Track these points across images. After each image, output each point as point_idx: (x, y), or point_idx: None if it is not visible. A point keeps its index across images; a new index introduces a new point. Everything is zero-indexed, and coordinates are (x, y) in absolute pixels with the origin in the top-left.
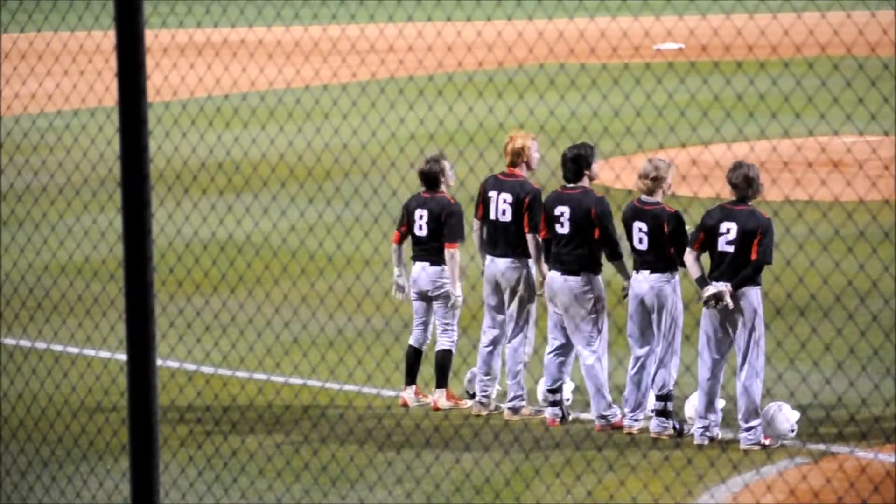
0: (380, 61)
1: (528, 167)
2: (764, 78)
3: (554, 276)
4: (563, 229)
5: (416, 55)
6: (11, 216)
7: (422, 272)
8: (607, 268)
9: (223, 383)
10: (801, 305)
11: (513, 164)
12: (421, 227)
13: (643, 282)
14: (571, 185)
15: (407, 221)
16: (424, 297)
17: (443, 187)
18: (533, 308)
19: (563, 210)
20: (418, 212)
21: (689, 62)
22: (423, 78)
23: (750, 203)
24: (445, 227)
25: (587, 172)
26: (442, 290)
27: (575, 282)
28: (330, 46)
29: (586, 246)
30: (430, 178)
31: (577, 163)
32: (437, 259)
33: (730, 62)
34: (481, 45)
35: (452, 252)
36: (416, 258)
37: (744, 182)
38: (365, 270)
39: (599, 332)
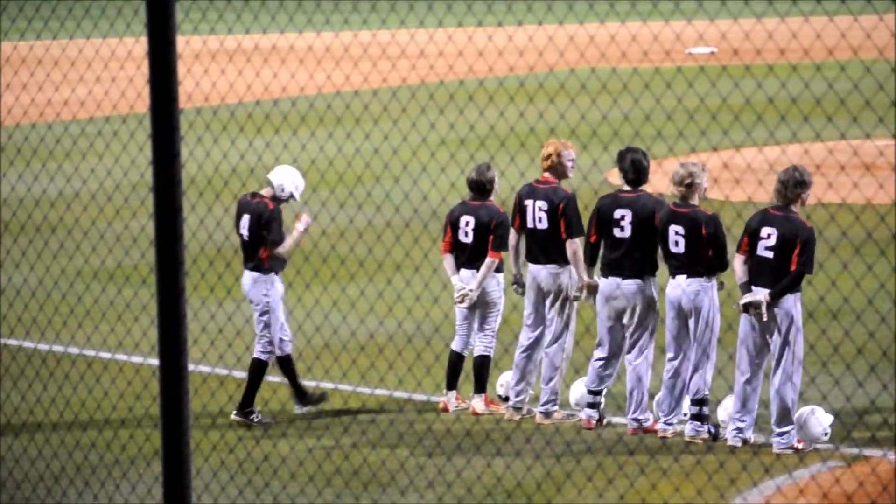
0: (411, 66)
1: (563, 175)
2: (796, 81)
3: (611, 282)
4: (624, 233)
5: (447, 60)
6: (44, 222)
7: (471, 279)
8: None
9: None
10: (834, 308)
11: (548, 171)
12: (467, 234)
13: (678, 287)
14: (629, 189)
15: (452, 229)
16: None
17: (492, 196)
18: (571, 314)
19: (623, 213)
20: (464, 219)
21: (720, 66)
22: (453, 83)
23: (795, 209)
24: (493, 236)
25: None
26: (486, 297)
27: (632, 286)
28: (361, 51)
29: (645, 250)
30: (480, 186)
31: (638, 169)
32: (481, 265)
33: (761, 66)
34: (512, 49)
35: (494, 261)
36: (462, 265)
37: (782, 186)
38: (396, 275)
39: (651, 335)
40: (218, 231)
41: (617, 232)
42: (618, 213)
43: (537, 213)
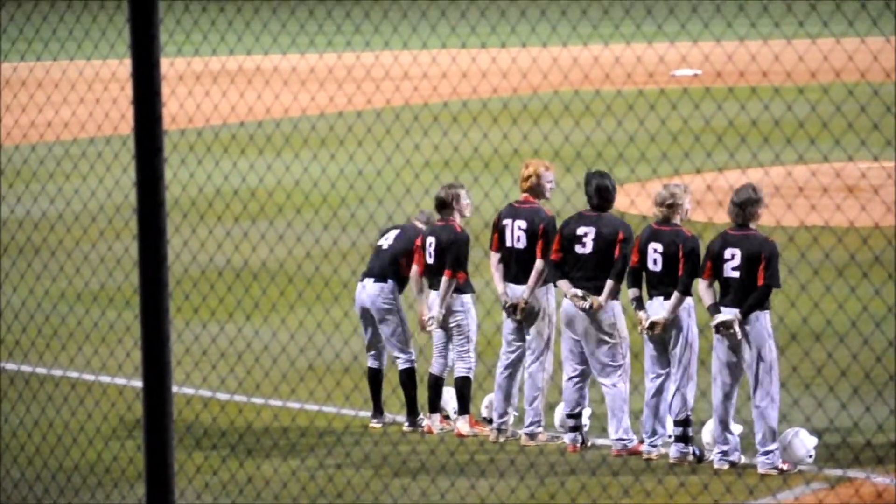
0: (395, 88)
1: (541, 195)
2: (779, 103)
3: (570, 303)
4: (585, 250)
5: (431, 82)
6: (28, 243)
7: (436, 300)
8: (624, 295)
9: (239, 409)
10: (817, 331)
11: (527, 192)
12: (430, 255)
13: (659, 308)
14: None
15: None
16: (442, 326)
17: (455, 215)
18: (551, 334)
19: (586, 231)
20: (429, 239)
21: (703, 88)
22: (437, 105)
23: (752, 227)
24: (448, 255)
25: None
26: (455, 319)
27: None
28: (345, 73)
29: (607, 270)
30: (443, 203)
31: (601, 194)
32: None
33: (744, 88)
34: (496, 71)
35: (450, 280)
36: (431, 286)
37: (739, 207)
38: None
39: (622, 357)
40: (202, 252)
41: (578, 248)
42: (580, 231)
43: (516, 233)
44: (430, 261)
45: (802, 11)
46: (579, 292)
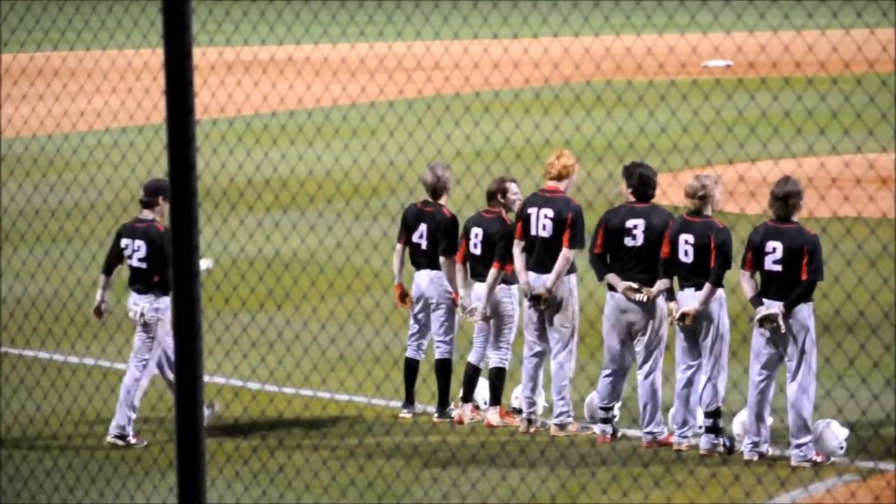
0: (426, 78)
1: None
2: (812, 94)
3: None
4: (635, 242)
5: (462, 72)
6: (60, 232)
7: (479, 289)
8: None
9: (269, 399)
10: (850, 322)
11: (554, 179)
12: (476, 246)
13: (690, 299)
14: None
15: (465, 240)
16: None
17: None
18: (576, 324)
19: (636, 223)
20: (474, 230)
21: (736, 78)
22: (469, 95)
23: (795, 219)
24: (498, 247)
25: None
26: (498, 309)
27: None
28: (377, 63)
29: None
30: (492, 196)
31: (645, 182)
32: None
33: (777, 78)
34: (528, 61)
35: (499, 272)
36: (473, 276)
37: (780, 200)
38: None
39: (663, 347)
40: (233, 242)
41: (628, 241)
42: (630, 223)
43: (542, 221)
44: (476, 251)
45: (836, 3)
46: (634, 284)
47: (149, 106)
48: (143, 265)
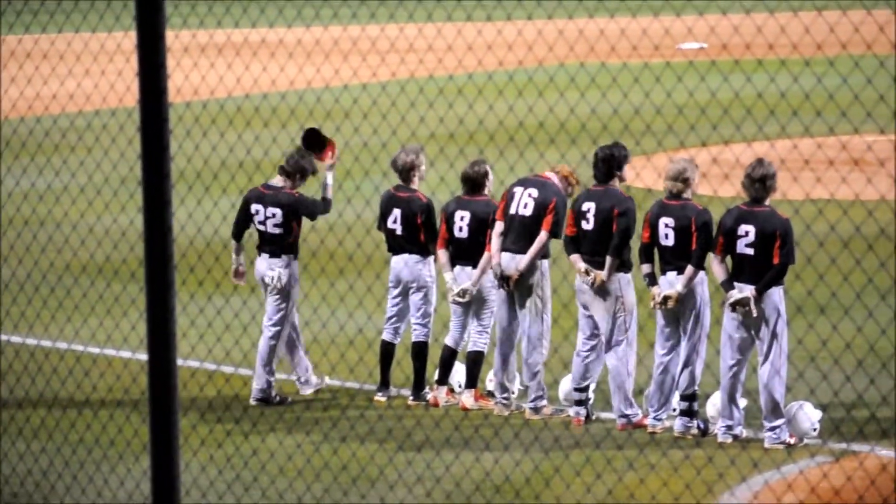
0: (400, 60)
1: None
2: (785, 76)
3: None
4: (588, 226)
5: (436, 54)
6: (32, 215)
7: (461, 274)
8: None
9: (243, 382)
10: (822, 303)
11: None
12: (461, 230)
13: (672, 283)
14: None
15: (447, 225)
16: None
17: (486, 191)
18: (547, 307)
19: (588, 206)
20: (459, 214)
21: (709, 60)
22: (442, 77)
23: (767, 203)
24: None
25: (617, 174)
26: (481, 293)
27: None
28: (350, 46)
29: (609, 245)
30: (474, 182)
31: (608, 163)
32: (476, 261)
33: (750, 60)
34: (501, 44)
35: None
36: (456, 261)
37: (754, 182)
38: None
39: (626, 331)
40: (206, 225)
41: (584, 224)
42: (584, 206)
43: (524, 200)
44: (462, 234)
45: None
46: (583, 267)
47: (122, 88)
48: (279, 230)
